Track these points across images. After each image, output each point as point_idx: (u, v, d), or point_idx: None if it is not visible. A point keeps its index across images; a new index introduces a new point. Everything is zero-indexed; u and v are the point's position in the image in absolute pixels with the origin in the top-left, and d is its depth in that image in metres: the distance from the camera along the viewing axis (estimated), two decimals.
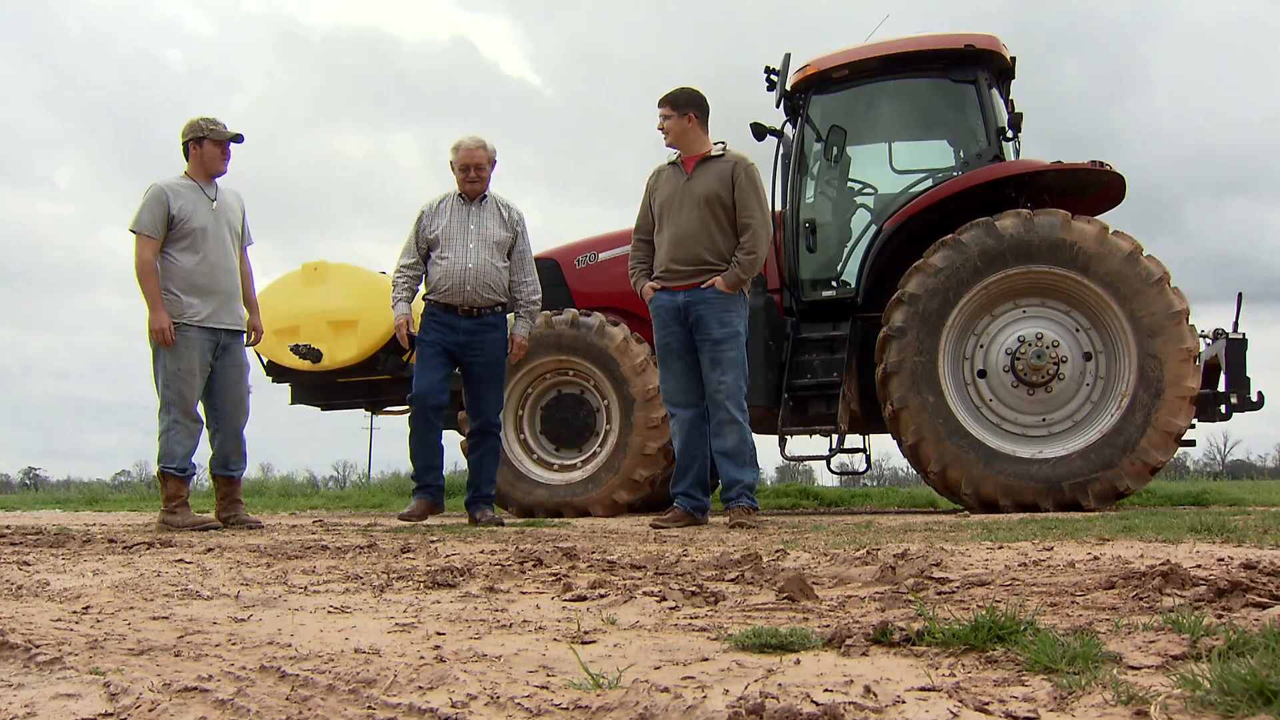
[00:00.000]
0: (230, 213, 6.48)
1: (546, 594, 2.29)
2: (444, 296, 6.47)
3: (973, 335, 6.98)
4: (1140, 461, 6.53)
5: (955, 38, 7.62)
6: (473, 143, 6.56)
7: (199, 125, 6.36)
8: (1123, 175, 7.42)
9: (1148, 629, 1.54)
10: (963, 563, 2.73)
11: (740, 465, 5.96)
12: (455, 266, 6.43)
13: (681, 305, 6.03)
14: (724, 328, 5.97)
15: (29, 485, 52.28)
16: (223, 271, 6.32)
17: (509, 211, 6.67)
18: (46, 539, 4.69)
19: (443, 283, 6.46)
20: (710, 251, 6.01)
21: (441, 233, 6.52)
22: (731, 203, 6.01)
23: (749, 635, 1.59)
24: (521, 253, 6.68)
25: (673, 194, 6.12)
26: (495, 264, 6.51)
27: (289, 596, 2.32)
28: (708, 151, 6.13)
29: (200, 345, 6.18)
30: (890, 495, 12.34)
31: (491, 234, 6.54)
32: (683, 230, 6.03)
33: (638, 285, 6.29)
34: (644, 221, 6.32)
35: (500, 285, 6.53)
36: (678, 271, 6.05)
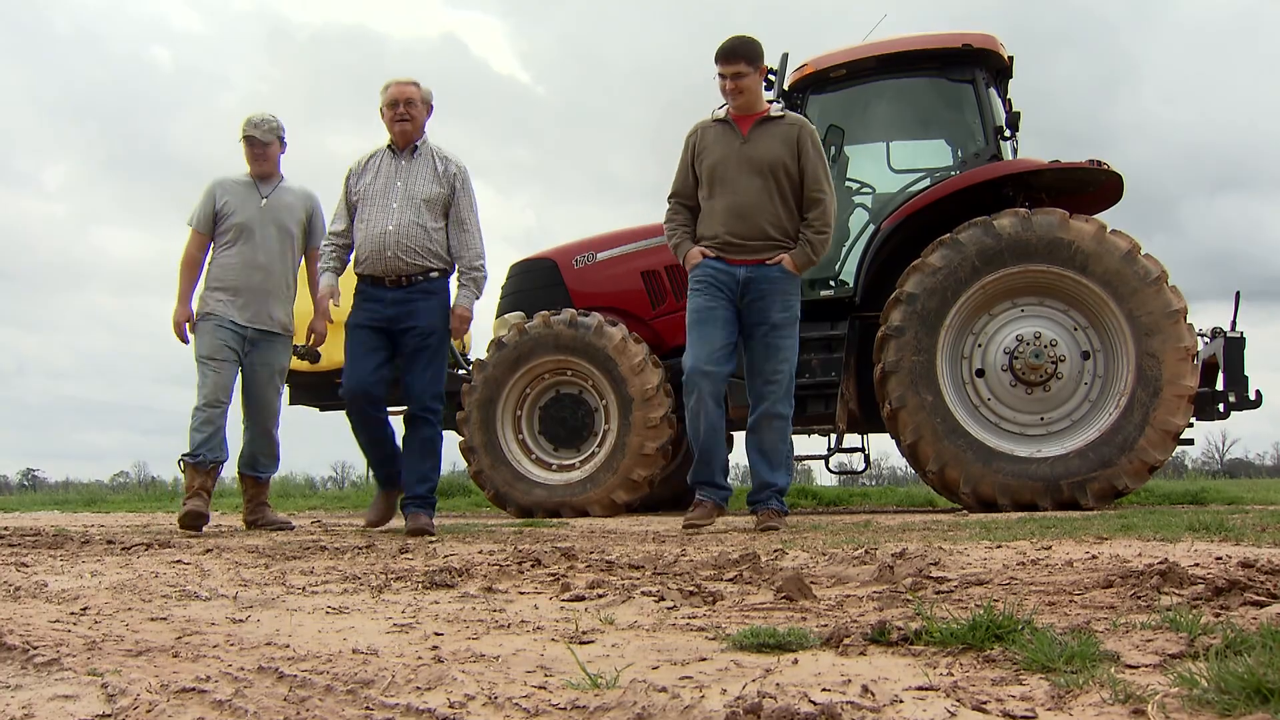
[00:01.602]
0: (285, 212, 6.29)
1: (545, 594, 2.29)
2: (365, 267, 5.70)
3: (971, 334, 6.98)
4: (1139, 460, 6.53)
5: (953, 37, 7.62)
6: (403, 79, 5.82)
7: (243, 125, 6.30)
8: (1120, 174, 7.42)
9: (1145, 628, 1.54)
10: (961, 562, 2.73)
11: (776, 467, 5.49)
12: (374, 230, 5.65)
13: (742, 281, 5.46)
14: (785, 311, 5.49)
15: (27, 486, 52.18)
16: (257, 270, 6.15)
17: (446, 164, 5.80)
18: (45, 540, 4.69)
19: (362, 250, 5.71)
20: (774, 225, 5.47)
21: (364, 191, 5.77)
22: (798, 172, 5.47)
23: (747, 635, 1.59)
24: (460, 213, 5.79)
25: (726, 157, 5.51)
26: (423, 224, 5.65)
27: (287, 597, 2.32)
28: (766, 111, 5.56)
29: (225, 336, 6.04)
30: (889, 494, 12.34)
31: (419, 190, 5.70)
32: (743, 200, 5.45)
33: (681, 249, 5.63)
34: (684, 185, 5.68)
35: (431, 249, 5.67)
36: (738, 245, 5.47)
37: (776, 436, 5.47)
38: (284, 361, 6.30)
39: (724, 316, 5.44)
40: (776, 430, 5.46)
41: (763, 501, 5.43)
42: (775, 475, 5.47)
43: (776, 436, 5.47)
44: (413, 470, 5.68)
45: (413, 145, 5.76)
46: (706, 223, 5.55)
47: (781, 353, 5.47)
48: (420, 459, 5.69)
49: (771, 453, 5.48)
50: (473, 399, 7.85)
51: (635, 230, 8.34)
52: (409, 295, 5.65)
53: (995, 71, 7.71)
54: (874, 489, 15.67)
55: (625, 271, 8.23)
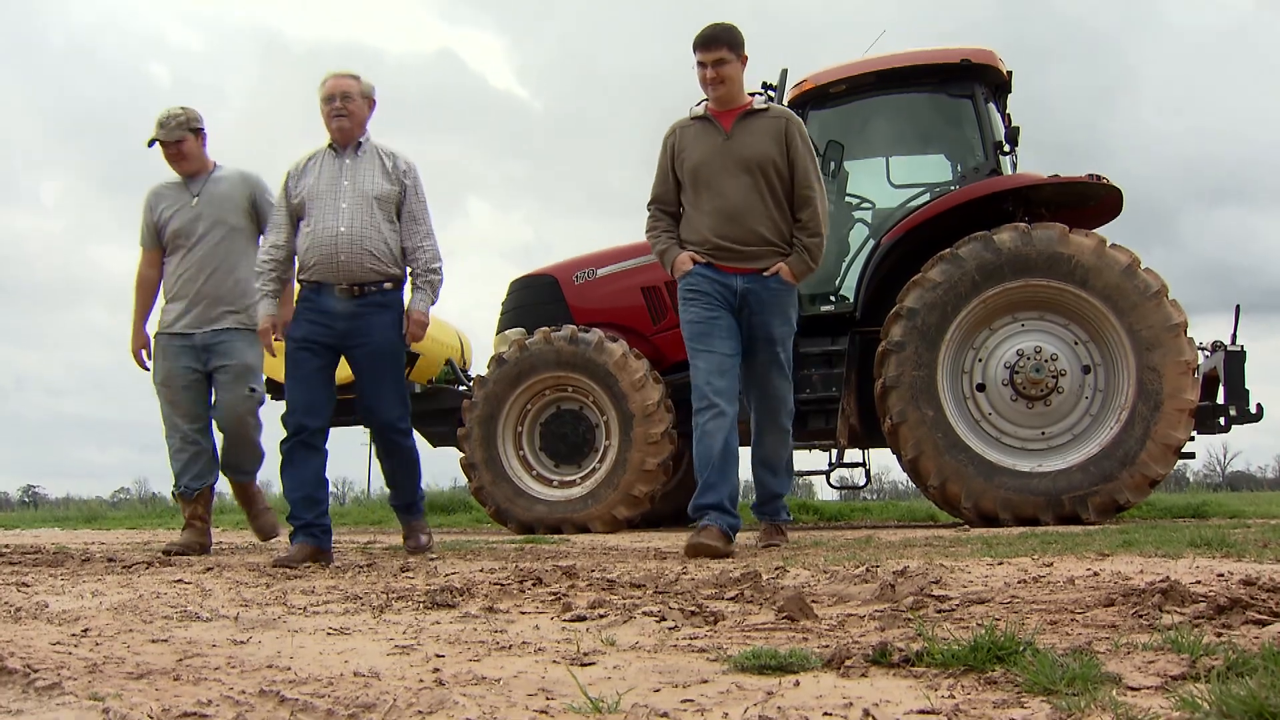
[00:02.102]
0: (221, 205, 5.73)
1: (546, 614, 2.29)
2: (315, 274, 5.09)
3: (971, 349, 6.99)
4: (1140, 474, 6.53)
5: (951, 52, 7.64)
6: (341, 71, 5.29)
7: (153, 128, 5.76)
8: (1120, 188, 7.43)
9: (1147, 648, 1.54)
10: (962, 580, 2.73)
11: (784, 478, 5.45)
12: (325, 233, 5.06)
13: (739, 292, 5.07)
14: (786, 325, 5.20)
15: (28, 503, 52.21)
16: (200, 274, 5.65)
17: (395, 160, 5.29)
18: (45, 558, 4.69)
19: (310, 256, 5.09)
20: (768, 228, 5.08)
21: (308, 193, 5.16)
22: (787, 168, 5.09)
23: (748, 656, 1.59)
24: (413, 212, 5.29)
25: (709, 156, 5.09)
26: (378, 225, 5.13)
27: (288, 617, 2.31)
28: (749, 105, 5.15)
29: (177, 353, 5.63)
30: (890, 509, 12.33)
31: (369, 187, 5.16)
32: (733, 202, 5.05)
33: (668, 255, 5.20)
34: (664, 189, 5.27)
35: (387, 253, 5.16)
36: (732, 251, 5.07)
37: (785, 449, 5.38)
38: (249, 358, 5.68)
39: (727, 327, 5.07)
40: (785, 443, 5.36)
41: (771, 515, 5.40)
42: (784, 484, 5.46)
43: (785, 449, 5.38)
44: (396, 484, 5.44)
45: (355, 143, 5.24)
46: (692, 228, 5.17)
47: (785, 368, 5.26)
48: (406, 474, 5.41)
49: (775, 463, 5.38)
50: (474, 415, 7.86)
51: (636, 246, 8.35)
52: (361, 308, 5.10)
53: (994, 86, 7.74)
54: (875, 504, 15.68)
55: (626, 287, 8.25)
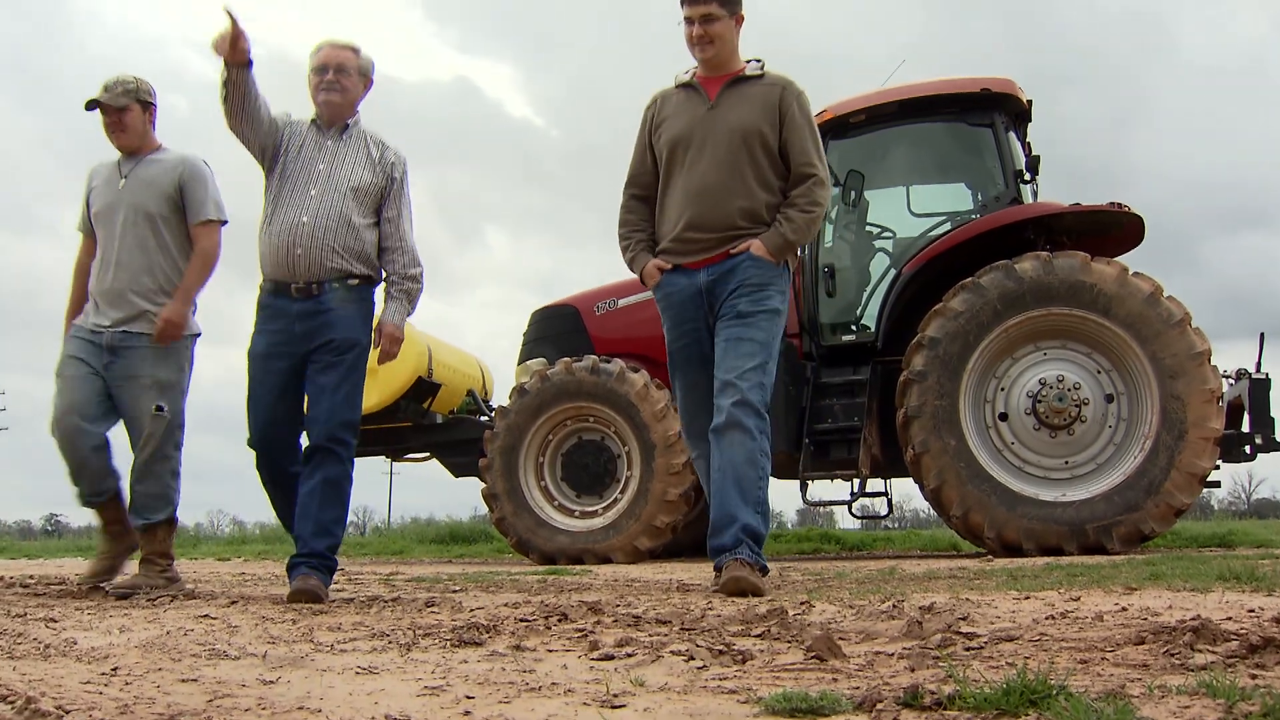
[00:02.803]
0: (145, 190, 4.94)
1: (573, 652, 2.29)
2: (271, 269, 4.47)
3: (994, 378, 6.97)
4: (1165, 504, 6.49)
5: (971, 82, 7.66)
6: (339, 41, 4.66)
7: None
8: (1141, 216, 7.42)
9: (1181, 692, 1.53)
10: (990, 615, 2.72)
11: (744, 497, 4.11)
12: (282, 221, 4.43)
13: (704, 288, 4.39)
14: (757, 304, 4.31)
15: (51, 532, 52.52)
16: (111, 266, 4.89)
17: (384, 151, 4.66)
18: (70, 590, 4.71)
19: (266, 250, 4.48)
20: (745, 212, 4.37)
21: (278, 176, 4.56)
22: (779, 142, 4.39)
23: (779, 699, 1.59)
24: (396, 210, 4.64)
25: (689, 128, 4.43)
26: (349, 218, 4.47)
27: (316, 655, 2.32)
28: (741, 70, 4.49)
29: (74, 347, 4.84)
30: (912, 538, 12.28)
31: (347, 175, 4.53)
32: (707, 179, 4.36)
33: (636, 263, 4.59)
34: (640, 170, 4.65)
35: (355, 248, 4.48)
36: (697, 241, 4.39)
37: (743, 454, 4.14)
38: (163, 373, 4.84)
39: (699, 356, 4.47)
40: (742, 445, 4.15)
41: (728, 549, 4.07)
42: (742, 508, 4.11)
43: (743, 454, 4.14)
44: (309, 518, 4.35)
45: (343, 124, 4.64)
46: (664, 215, 4.55)
47: (745, 345, 4.26)
48: (321, 505, 4.37)
49: (740, 478, 4.14)
50: (495, 446, 7.87)
51: None
52: (320, 305, 4.45)
53: (1014, 115, 7.75)
54: (897, 533, 15.61)
55: (647, 318, 8.25)
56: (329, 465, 4.38)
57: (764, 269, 4.32)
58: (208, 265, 4.98)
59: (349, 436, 4.47)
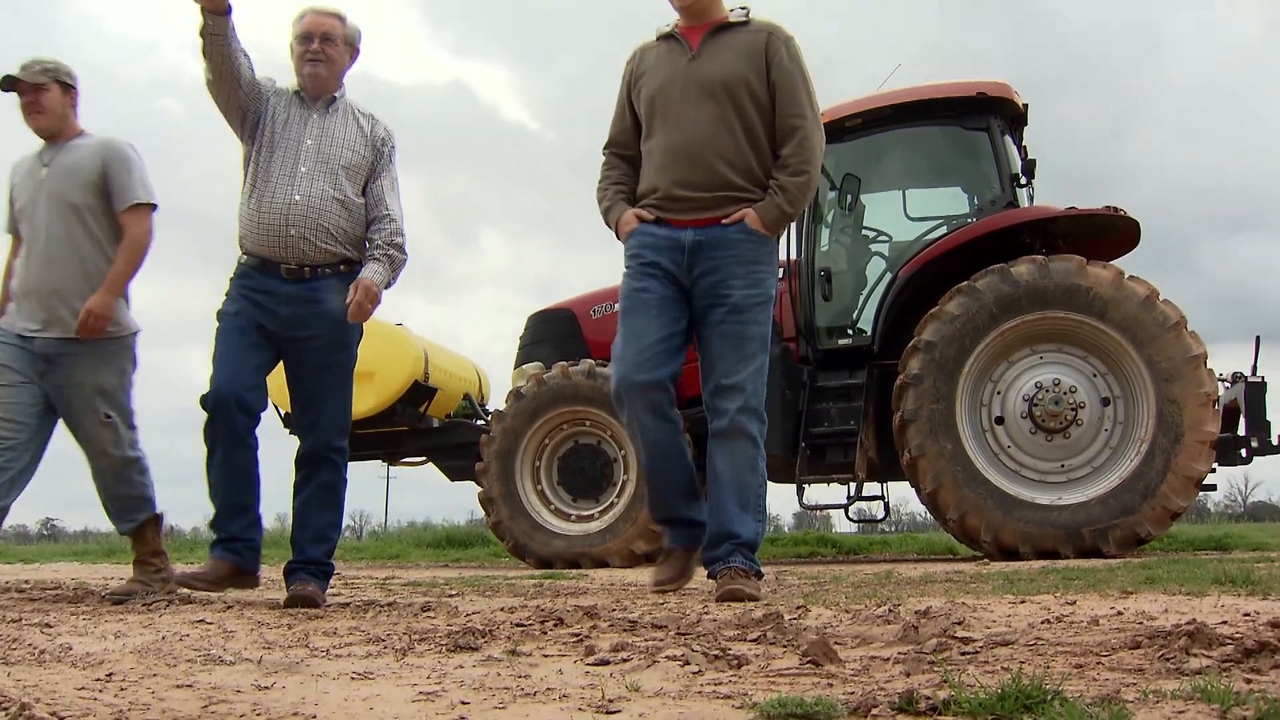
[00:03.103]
0: (65, 178, 4.57)
1: (569, 657, 2.29)
2: (258, 247, 4.26)
3: (990, 382, 6.98)
4: (1161, 507, 6.50)
5: (967, 85, 7.68)
6: (324, 7, 4.38)
7: None
8: (1137, 220, 7.43)
9: (1176, 697, 1.53)
10: (985, 619, 2.72)
11: (742, 507, 4.02)
12: (274, 199, 4.23)
13: (688, 246, 4.05)
14: (752, 288, 4.05)
15: (47, 536, 52.44)
16: (36, 263, 4.53)
17: (374, 125, 4.48)
18: (66, 595, 4.70)
19: (253, 227, 4.26)
20: (736, 167, 4.05)
21: (263, 147, 4.33)
22: (768, 93, 4.07)
23: (774, 705, 1.59)
24: (383, 186, 4.44)
25: (670, 80, 4.12)
26: (341, 199, 4.29)
27: (311, 661, 2.32)
28: (724, 18, 4.18)
29: (10, 357, 4.45)
30: (909, 542, 12.28)
31: (338, 153, 4.33)
32: (690, 134, 4.05)
33: (612, 213, 4.26)
34: (620, 129, 4.36)
35: (348, 233, 4.32)
36: (684, 199, 4.06)
37: (744, 464, 4.02)
38: (104, 379, 4.55)
39: (659, 299, 4.08)
40: (743, 455, 4.02)
41: (722, 559, 4.01)
42: (741, 521, 4.02)
43: (744, 464, 4.02)
44: (307, 526, 4.31)
45: (329, 97, 4.41)
46: (646, 174, 4.22)
47: (746, 345, 4.03)
48: (317, 511, 4.32)
49: (741, 488, 4.04)
50: (491, 450, 7.87)
51: None
52: (311, 292, 4.27)
53: (1010, 119, 7.77)
54: (894, 536, 15.63)
55: None
56: (325, 472, 4.31)
57: (757, 243, 4.04)
58: (138, 253, 4.59)
59: (344, 443, 4.39)
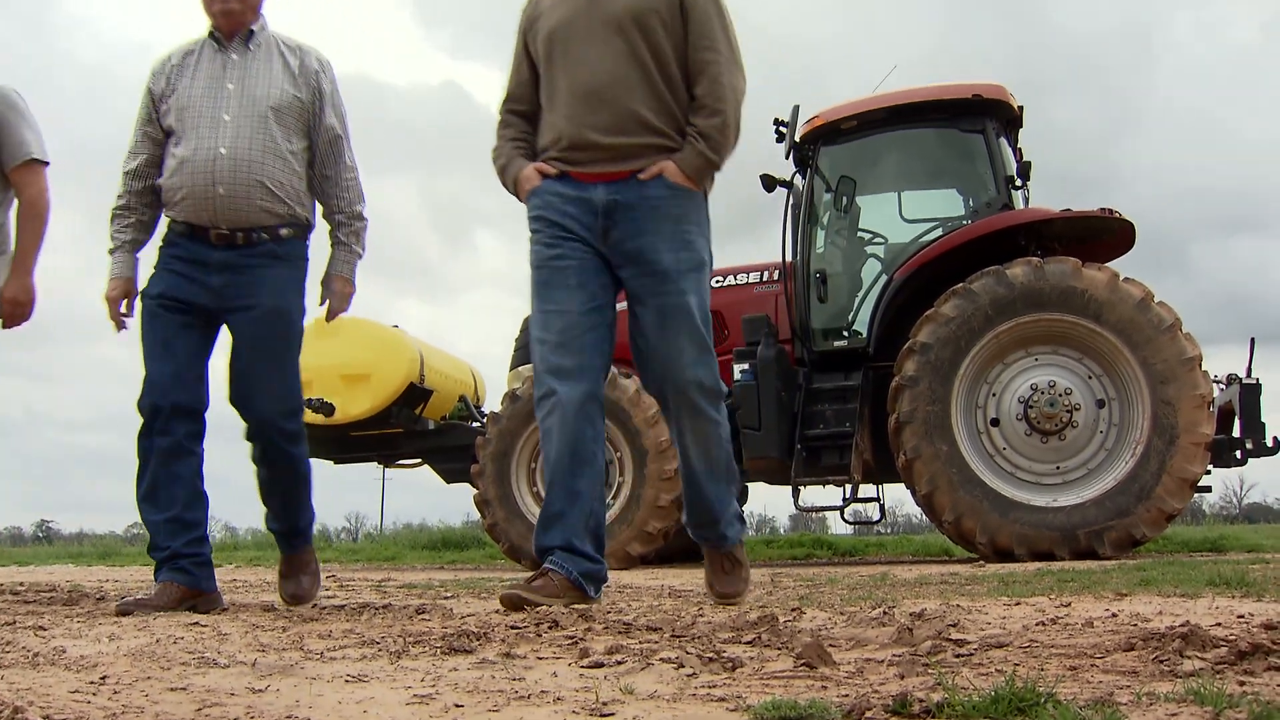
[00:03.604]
0: None
1: (564, 659, 2.29)
2: (184, 212, 3.76)
3: (985, 384, 6.98)
4: (1156, 509, 6.51)
5: (962, 88, 7.68)
6: None
7: None
8: (1132, 222, 7.45)
9: (1169, 699, 1.53)
10: (980, 622, 2.72)
11: (721, 485, 3.69)
12: (197, 154, 3.69)
13: (600, 206, 3.56)
14: (681, 250, 3.56)
15: (42, 538, 52.37)
16: None
17: (304, 57, 3.89)
18: (60, 597, 4.69)
19: (178, 187, 3.74)
20: (652, 110, 3.56)
21: (180, 100, 3.77)
22: (680, 27, 3.57)
23: (768, 707, 1.59)
24: (330, 132, 3.90)
25: (570, 17, 3.60)
26: (274, 146, 3.75)
27: (305, 663, 2.31)
28: None
29: None
30: (904, 544, 12.29)
31: (263, 92, 3.77)
32: (597, 73, 3.54)
33: (510, 170, 3.73)
34: (517, 83, 3.82)
35: (289, 184, 3.80)
36: (593, 147, 3.55)
37: (717, 442, 3.67)
38: None
39: (578, 270, 3.59)
40: (715, 434, 3.66)
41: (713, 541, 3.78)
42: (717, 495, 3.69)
43: (717, 442, 3.67)
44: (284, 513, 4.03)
45: (246, 31, 3.85)
46: (546, 124, 3.70)
47: (683, 320, 3.55)
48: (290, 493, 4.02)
49: (721, 469, 3.70)
50: (487, 452, 7.87)
51: None
52: (245, 260, 3.77)
53: (1005, 121, 7.78)
54: (889, 538, 15.64)
55: None
56: (281, 457, 3.89)
57: (680, 199, 3.56)
58: (40, 219, 4.07)
59: (295, 425, 3.90)
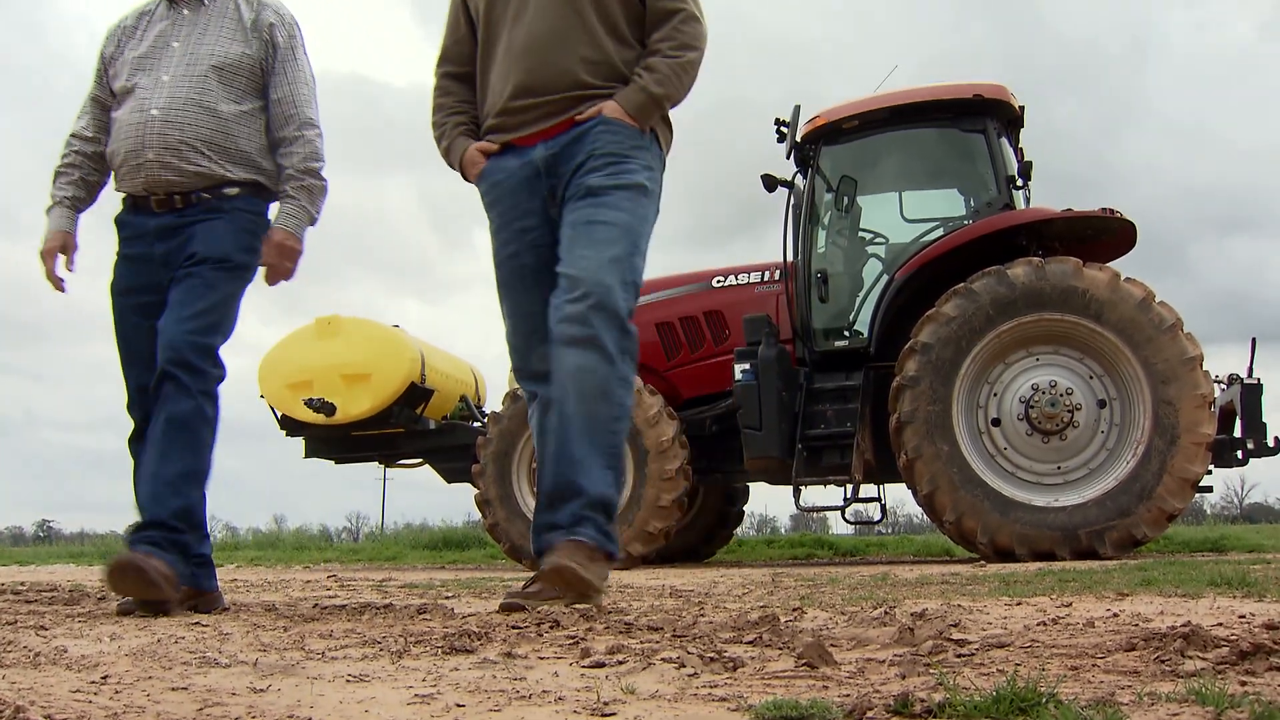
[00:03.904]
0: None
1: (565, 659, 2.28)
2: (123, 181, 3.63)
3: (986, 384, 6.98)
4: (1157, 509, 6.51)
5: (964, 87, 7.68)
6: None
7: None
8: (1133, 222, 7.45)
9: (1171, 699, 1.53)
10: (981, 622, 2.72)
11: (594, 445, 3.10)
12: (131, 118, 3.52)
13: (541, 167, 3.34)
14: (614, 176, 3.26)
15: (43, 538, 52.41)
16: None
17: (260, 10, 3.67)
18: (61, 597, 4.70)
19: (114, 154, 3.60)
20: (590, 64, 3.33)
21: (124, 64, 3.63)
22: None
23: (769, 707, 1.59)
24: (287, 86, 3.64)
25: None
26: (212, 106, 3.52)
27: (307, 663, 2.31)
28: None
29: None
30: (905, 544, 12.29)
31: (207, 50, 3.57)
32: (536, 29, 3.32)
33: (453, 151, 3.52)
34: (454, 40, 3.62)
35: (226, 146, 3.56)
36: (530, 109, 3.34)
37: (591, 386, 3.11)
38: None
39: (534, 265, 3.40)
40: (588, 375, 3.11)
41: (562, 527, 3.10)
42: (586, 473, 3.10)
43: (591, 386, 3.11)
44: (146, 477, 3.47)
45: None
46: (487, 87, 3.46)
47: (599, 230, 3.20)
48: (163, 456, 3.42)
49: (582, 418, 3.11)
50: (488, 452, 7.87)
51: (649, 282, 8.32)
52: (182, 220, 3.55)
53: (1006, 121, 7.78)
54: (890, 538, 15.64)
55: (639, 323, 8.16)
56: (178, 400, 3.41)
57: (621, 136, 3.28)
58: None
59: (201, 361, 3.47)
